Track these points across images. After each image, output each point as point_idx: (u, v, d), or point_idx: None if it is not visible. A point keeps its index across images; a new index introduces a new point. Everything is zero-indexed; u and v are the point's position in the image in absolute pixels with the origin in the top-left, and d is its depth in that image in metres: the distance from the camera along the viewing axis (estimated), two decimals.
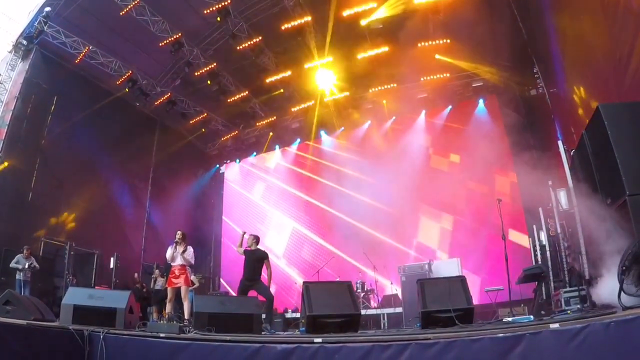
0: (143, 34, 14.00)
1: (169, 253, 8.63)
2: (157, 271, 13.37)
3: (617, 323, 3.20)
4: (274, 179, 19.47)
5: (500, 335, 3.57)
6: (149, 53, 15.27)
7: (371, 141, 17.43)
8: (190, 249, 8.65)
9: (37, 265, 11.38)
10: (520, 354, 3.40)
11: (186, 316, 8.17)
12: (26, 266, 11.03)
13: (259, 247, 9.25)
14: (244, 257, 9.09)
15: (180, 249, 8.57)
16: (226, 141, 20.05)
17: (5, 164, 12.50)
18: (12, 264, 10.98)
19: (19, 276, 11.01)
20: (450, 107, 16.07)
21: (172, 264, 8.69)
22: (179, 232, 8.72)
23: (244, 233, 9.33)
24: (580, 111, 8.32)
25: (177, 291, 8.60)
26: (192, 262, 8.67)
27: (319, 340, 4.14)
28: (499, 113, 15.02)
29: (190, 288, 9.38)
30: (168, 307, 8.54)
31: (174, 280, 8.53)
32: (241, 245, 9.10)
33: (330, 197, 17.26)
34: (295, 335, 6.55)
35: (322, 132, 18.54)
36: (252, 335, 5.29)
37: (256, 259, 8.98)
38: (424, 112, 16.54)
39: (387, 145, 16.90)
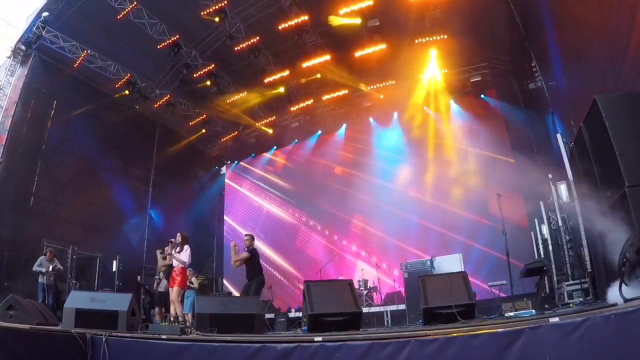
0: (141, 36, 13.97)
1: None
2: (161, 273, 13.39)
3: (617, 316, 3.18)
4: (274, 178, 19.46)
5: (500, 330, 3.56)
6: (147, 56, 15.24)
7: (371, 138, 17.42)
8: (185, 249, 8.74)
9: (60, 267, 11.29)
10: (520, 348, 3.39)
11: (174, 317, 8.27)
12: (50, 269, 10.86)
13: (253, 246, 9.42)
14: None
15: (175, 250, 8.71)
16: (226, 142, 20.04)
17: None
18: (35, 267, 10.81)
19: (42, 280, 10.81)
20: (449, 102, 16.04)
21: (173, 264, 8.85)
22: (178, 234, 8.85)
23: (233, 244, 9.34)
24: (578, 104, 8.30)
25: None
26: (186, 261, 8.73)
27: (319, 339, 4.13)
28: (498, 107, 15.01)
29: (191, 288, 9.48)
30: (172, 308, 8.61)
31: (173, 281, 8.67)
32: (236, 253, 9.11)
33: (332, 196, 17.27)
34: (295, 335, 6.56)
35: (322, 131, 18.53)
36: (252, 335, 5.30)
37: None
38: (424, 108, 16.51)
39: (387, 142, 16.89)
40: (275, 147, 19.70)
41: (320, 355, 4.00)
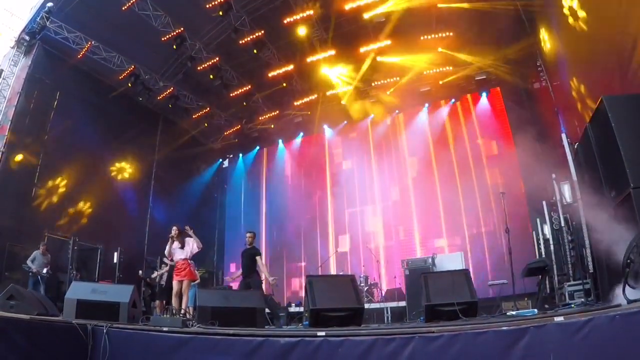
0: (145, 28, 13.91)
1: (167, 249, 8.77)
2: (163, 266, 13.38)
3: (621, 316, 3.16)
4: (277, 173, 19.43)
5: (505, 328, 3.55)
6: (151, 48, 15.19)
7: (374, 135, 17.41)
8: (190, 240, 8.74)
9: (48, 264, 11.33)
10: (525, 347, 3.38)
11: (183, 309, 8.27)
12: (44, 271, 10.94)
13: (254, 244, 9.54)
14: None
15: (177, 244, 8.67)
16: (229, 135, 20.02)
17: (21, 156, 12.64)
18: (28, 262, 10.87)
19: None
20: (453, 100, 16.00)
21: (173, 259, 8.81)
22: (174, 228, 8.81)
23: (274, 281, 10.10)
24: (584, 104, 8.27)
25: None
26: (197, 248, 8.77)
27: (322, 333, 4.11)
28: (502, 106, 14.97)
29: (193, 283, 9.46)
30: (173, 301, 8.60)
31: (178, 275, 8.62)
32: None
33: (334, 191, 17.27)
34: (298, 329, 6.55)
35: (325, 126, 18.49)
36: (255, 329, 5.30)
37: (248, 256, 9.23)
38: (426, 105, 16.47)
39: (389, 138, 16.88)
40: (278, 142, 19.65)
41: (324, 350, 3.98)
